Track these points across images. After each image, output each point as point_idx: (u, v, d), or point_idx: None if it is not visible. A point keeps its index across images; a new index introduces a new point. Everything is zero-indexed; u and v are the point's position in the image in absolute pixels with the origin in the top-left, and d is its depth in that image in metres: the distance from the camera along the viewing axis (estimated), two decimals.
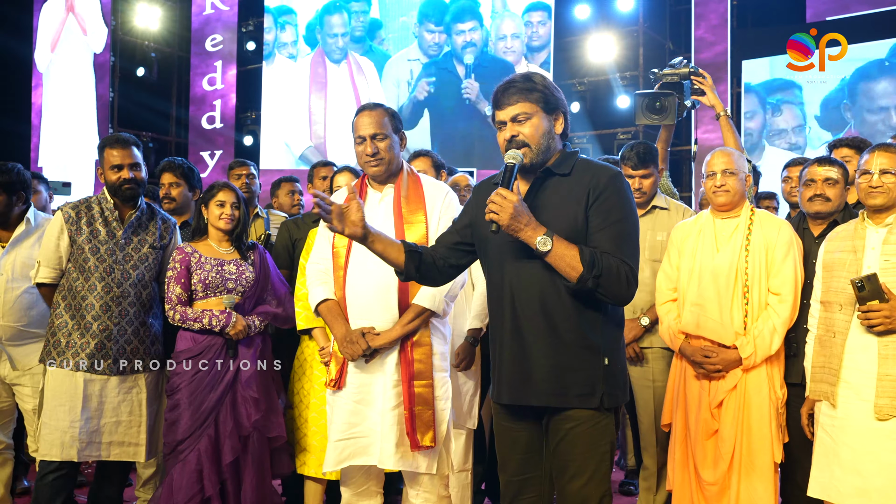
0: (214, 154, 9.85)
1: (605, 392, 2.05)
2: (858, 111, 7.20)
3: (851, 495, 2.43)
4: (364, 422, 2.58)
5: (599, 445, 2.07)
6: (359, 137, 2.63)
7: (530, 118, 2.09)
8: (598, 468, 2.07)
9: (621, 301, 2.05)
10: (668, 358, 3.17)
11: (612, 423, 2.12)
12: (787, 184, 3.52)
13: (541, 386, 2.06)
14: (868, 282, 2.37)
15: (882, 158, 2.49)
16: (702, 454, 2.81)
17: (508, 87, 2.11)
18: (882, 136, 6.83)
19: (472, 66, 8.82)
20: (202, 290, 3.03)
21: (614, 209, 2.05)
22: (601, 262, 1.97)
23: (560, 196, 2.09)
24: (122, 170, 3.06)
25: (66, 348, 2.97)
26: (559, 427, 2.09)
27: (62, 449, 2.93)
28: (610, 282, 1.98)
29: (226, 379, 2.99)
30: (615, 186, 2.07)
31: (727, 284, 2.79)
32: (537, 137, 2.09)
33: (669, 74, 3.45)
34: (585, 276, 1.96)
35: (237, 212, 3.10)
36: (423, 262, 2.24)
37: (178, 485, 2.88)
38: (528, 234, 1.98)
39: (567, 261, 1.97)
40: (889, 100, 7.05)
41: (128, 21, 9.82)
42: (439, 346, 2.64)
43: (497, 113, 2.12)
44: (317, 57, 9.61)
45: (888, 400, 2.38)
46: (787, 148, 7.49)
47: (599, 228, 2.03)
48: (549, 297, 2.05)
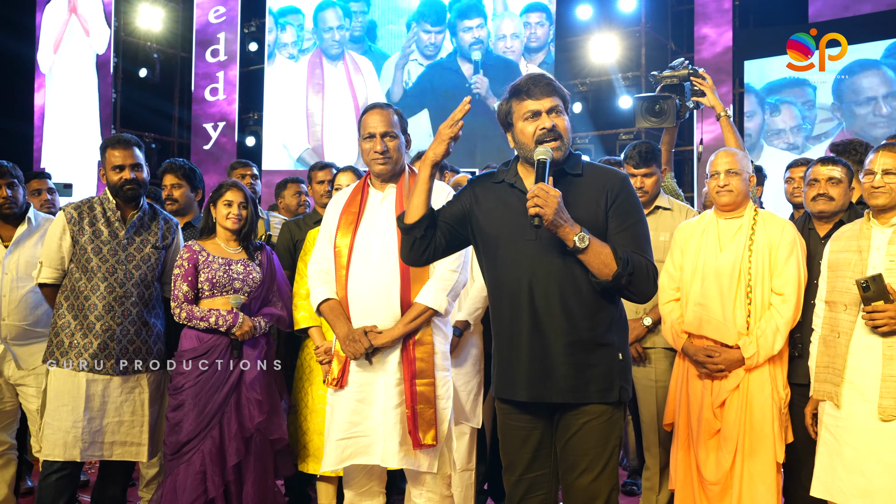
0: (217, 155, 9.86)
1: (621, 386, 2.12)
2: (847, 107, 7.24)
3: (854, 495, 2.42)
4: (366, 421, 2.57)
5: (610, 440, 2.12)
6: (368, 134, 2.63)
7: (562, 113, 2.14)
8: (608, 462, 2.11)
9: (645, 298, 2.13)
10: (670, 358, 3.17)
11: (622, 417, 2.17)
12: (790, 184, 3.51)
13: (562, 383, 2.09)
14: (873, 282, 2.37)
15: (885, 159, 2.48)
16: (704, 454, 2.81)
17: (540, 80, 2.14)
18: (873, 127, 6.86)
19: (481, 63, 8.82)
20: (209, 289, 3.03)
21: (632, 211, 2.13)
22: (633, 259, 2.04)
23: (577, 195, 2.12)
24: (124, 170, 3.06)
25: (68, 348, 2.97)
26: (573, 422, 2.11)
27: (65, 449, 2.94)
28: (640, 279, 2.06)
29: (231, 380, 2.98)
30: (629, 189, 2.16)
31: (730, 284, 2.78)
32: (567, 133, 2.15)
33: (669, 77, 3.45)
34: (621, 272, 2.02)
35: (245, 211, 3.09)
36: (427, 232, 2.21)
37: (182, 486, 2.87)
38: (566, 231, 2.01)
39: (602, 258, 2.02)
40: (875, 91, 7.11)
41: (130, 22, 9.84)
42: (441, 344, 2.64)
43: (530, 102, 2.12)
44: (314, 57, 9.63)
45: (892, 401, 2.37)
46: (785, 148, 7.51)
47: (620, 229, 2.10)
48: (570, 296, 2.08)
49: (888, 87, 7.06)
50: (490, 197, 2.21)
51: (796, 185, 3.38)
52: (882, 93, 7.08)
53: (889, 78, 7.08)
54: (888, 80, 7.08)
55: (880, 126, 6.99)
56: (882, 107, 7.04)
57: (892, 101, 7.06)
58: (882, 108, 7.03)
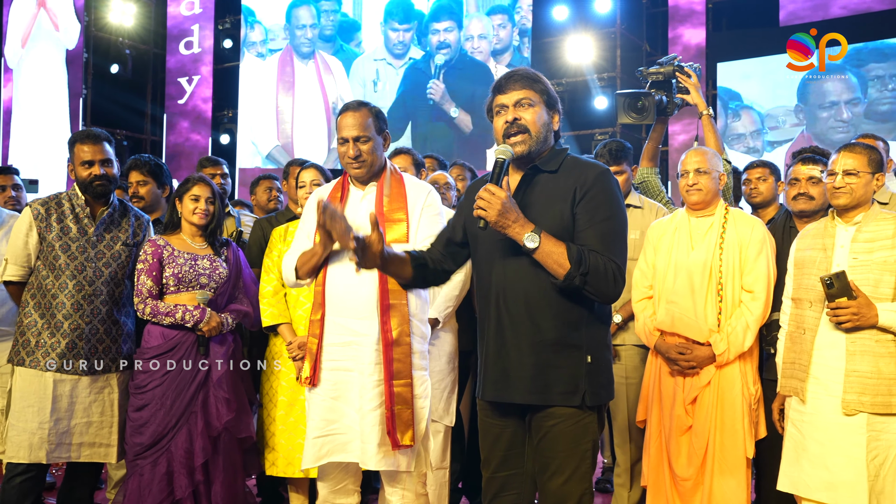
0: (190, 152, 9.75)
1: (587, 390, 2.06)
2: (811, 110, 7.39)
3: (819, 489, 2.46)
4: (342, 419, 2.56)
5: (581, 443, 2.07)
6: (342, 139, 2.61)
7: (533, 105, 2.10)
8: (578, 466, 2.07)
9: (608, 299, 2.06)
10: (641, 355, 3.20)
11: (595, 421, 2.11)
12: (747, 186, 3.57)
13: (522, 383, 2.06)
14: (837, 279, 2.41)
15: (847, 159, 2.53)
16: (676, 450, 2.84)
17: (513, 74, 2.13)
18: (834, 132, 7.00)
19: (441, 67, 8.87)
20: (174, 284, 2.98)
21: (602, 207, 2.05)
22: (588, 259, 1.98)
23: (548, 193, 2.09)
24: (94, 166, 3.01)
25: (35, 348, 2.92)
26: (541, 424, 2.09)
27: (30, 451, 2.88)
28: (597, 279, 1.99)
29: (198, 378, 2.93)
30: (602, 184, 2.07)
31: (701, 282, 2.81)
32: (538, 126, 2.09)
33: (655, 73, 3.45)
34: (573, 273, 1.97)
35: (212, 207, 3.05)
36: (426, 271, 2.27)
37: (148, 487, 2.82)
38: (515, 231, 1.99)
39: (554, 258, 1.98)
40: (839, 96, 7.26)
41: (102, 17, 9.69)
42: (418, 344, 2.64)
43: (499, 97, 2.12)
44: (285, 55, 9.59)
45: (855, 395, 2.41)
46: (745, 151, 7.66)
47: (587, 226, 2.04)
48: (534, 295, 2.05)
49: (851, 93, 7.21)
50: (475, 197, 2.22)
51: (752, 185, 3.44)
52: (845, 98, 7.23)
53: (853, 84, 7.22)
54: (852, 86, 7.22)
55: (840, 131, 7.16)
56: (843, 111, 7.18)
57: (853, 107, 7.20)
58: (843, 113, 7.18)
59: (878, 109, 7.13)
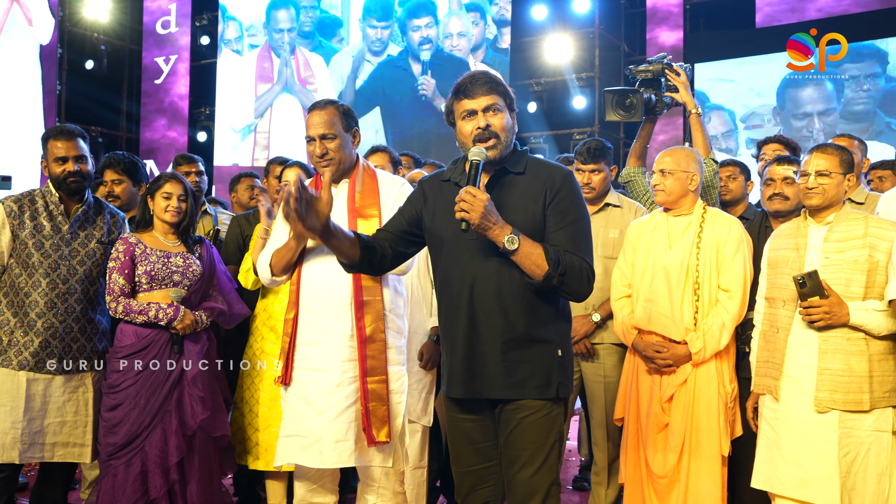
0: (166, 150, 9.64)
1: (559, 382, 2.12)
2: (786, 117, 7.51)
3: (792, 486, 2.50)
4: (304, 421, 2.56)
5: (550, 435, 2.12)
6: (308, 137, 2.62)
7: (500, 111, 2.14)
8: (548, 457, 2.12)
9: (581, 297, 2.12)
10: (619, 353, 3.22)
11: (563, 413, 2.18)
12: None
13: (496, 379, 2.10)
14: (809, 279, 2.44)
15: (819, 160, 2.57)
16: (652, 447, 2.86)
17: (477, 78, 2.14)
18: (806, 141, 7.12)
19: (429, 63, 8.86)
20: (147, 282, 2.95)
21: (571, 209, 2.12)
22: (565, 259, 2.03)
23: (517, 194, 2.13)
24: (67, 162, 2.97)
25: (7, 347, 2.88)
26: (512, 417, 2.12)
27: (3, 451, 2.84)
28: (573, 279, 2.05)
29: (172, 377, 2.90)
30: (570, 186, 2.15)
31: (678, 281, 2.84)
32: (506, 131, 2.14)
33: (644, 71, 3.45)
34: (551, 273, 2.02)
35: (184, 204, 3.02)
36: (374, 255, 2.25)
37: (122, 487, 2.79)
38: (496, 233, 2.02)
39: (533, 259, 2.03)
40: (813, 106, 7.36)
41: (76, 12, 9.54)
42: (394, 340, 2.64)
43: (467, 102, 2.13)
44: (263, 52, 9.52)
45: (827, 393, 2.45)
46: (720, 151, 7.75)
47: (558, 227, 2.10)
48: (507, 294, 2.09)
49: (826, 103, 7.30)
50: (437, 196, 2.23)
51: (723, 184, 3.48)
52: (819, 108, 7.33)
53: (827, 93, 7.32)
54: (827, 95, 7.32)
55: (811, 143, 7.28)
56: (815, 122, 7.28)
57: (826, 117, 7.30)
58: (815, 124, 7.28)
59: (853, 110, 7.25)
